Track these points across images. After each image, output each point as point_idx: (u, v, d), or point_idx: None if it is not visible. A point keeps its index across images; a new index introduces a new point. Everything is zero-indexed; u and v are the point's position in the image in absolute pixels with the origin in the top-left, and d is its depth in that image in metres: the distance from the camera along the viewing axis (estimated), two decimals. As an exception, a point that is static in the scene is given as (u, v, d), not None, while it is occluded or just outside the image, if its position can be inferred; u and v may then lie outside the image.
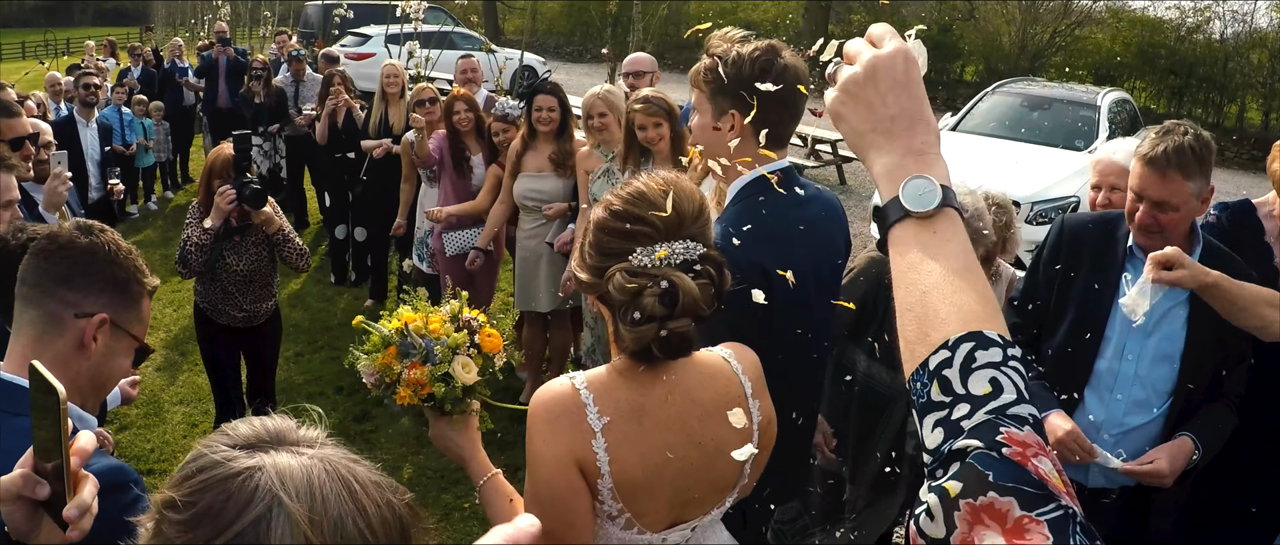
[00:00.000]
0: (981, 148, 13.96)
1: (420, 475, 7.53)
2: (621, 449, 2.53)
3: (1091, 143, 13.92)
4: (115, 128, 15.36)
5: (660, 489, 2.61)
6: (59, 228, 2.62)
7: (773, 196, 3.48)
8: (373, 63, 23.18)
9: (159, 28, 43.60)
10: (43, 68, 28.48)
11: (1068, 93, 16.09)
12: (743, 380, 2.76)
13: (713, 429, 2.63)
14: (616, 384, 2.60)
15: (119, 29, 71.39)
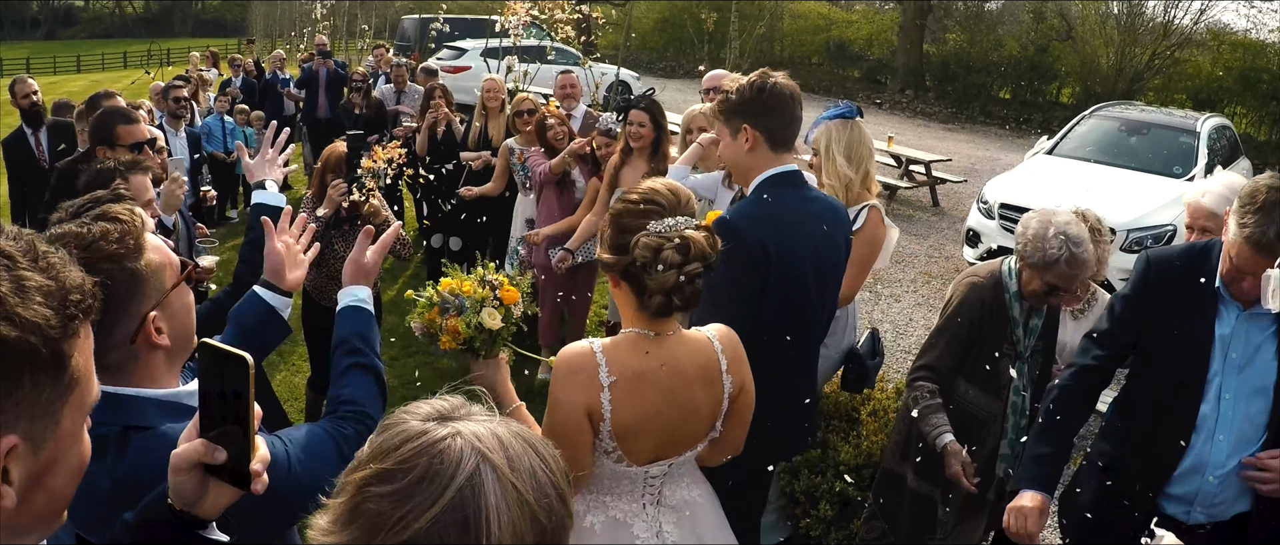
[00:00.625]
0: (1077, 172, 13.82)
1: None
2: (622, 403, 3.30)
3: (1190, 170, 13.69)
4: (217, 135, 15.69)
5: (647, 435, 3.39)
6: None
7: (780, 192, 4.29)
8: (468, 76, 23.43)
9: (257, 39, 44.24)
10: (148, 77, 29.03)
11: (1166, 118, 15.80)
12: (720, 356, 3.50)
13: (692, 393, 3.42)
14: (625, 352, 3.35)
15: (217, 40, 72.58)
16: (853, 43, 42.60)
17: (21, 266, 1.39)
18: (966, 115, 34.07)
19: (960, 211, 17.09)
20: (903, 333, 11.35)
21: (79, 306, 1.47)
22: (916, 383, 5.05)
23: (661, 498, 3.59)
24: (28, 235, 1.47)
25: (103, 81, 48.30)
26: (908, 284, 13.23)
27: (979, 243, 12.98)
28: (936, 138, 27.09)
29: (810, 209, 4.37)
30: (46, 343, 1.38)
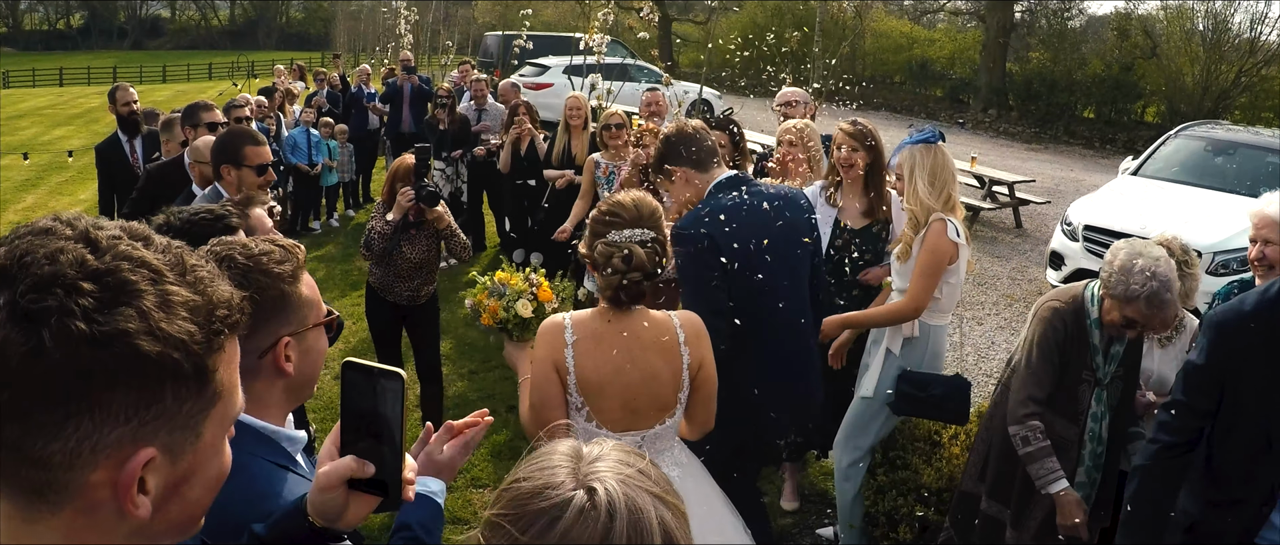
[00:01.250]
0: (1163, 193, 13.62)
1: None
2: (582, 358, 3.97)
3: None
4: (302, 147, 15.86)
5: (611, 394, 4.00)
6: None
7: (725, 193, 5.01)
8: (551, 93, 23.54)
9: (341, 54, 44.76)
10: (235, 89, 29.41)
11: (1254, 137, 15.45)
12: (678, 330, 4.12)
13: (649, 359, 4.03)
14: (589, 319, 4.07)
15: (301, 53, 73.48)
16: (935, 62, 42.39)
17: (168, 281, 1.39)
18: (1050, 135, 33.70)
19: (1043, 233, 16.91)
20: (984, 356, 11.26)
21: (225, 321, 1.47)
22: (1028, 421, 4.96)
23: None
24: (177, 248, 1.47)
25: (188, 92, 49.06)
26: (990, 307, 13.11)
27: (1063, 265, 12.78)
28: (1019, 158, 26.84)
29: (756, 200, 4.99)
30: (189, 358, 1.39)
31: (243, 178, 5.89)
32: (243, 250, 2.56)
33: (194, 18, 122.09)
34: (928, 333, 5.96)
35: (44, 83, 69.41)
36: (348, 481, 1.96)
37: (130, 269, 1.35)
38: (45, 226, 1.38)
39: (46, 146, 29.30)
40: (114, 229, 1.41)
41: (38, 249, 1.33)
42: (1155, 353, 5.58)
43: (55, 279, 1.29)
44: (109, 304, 1.31)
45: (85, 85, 65.75)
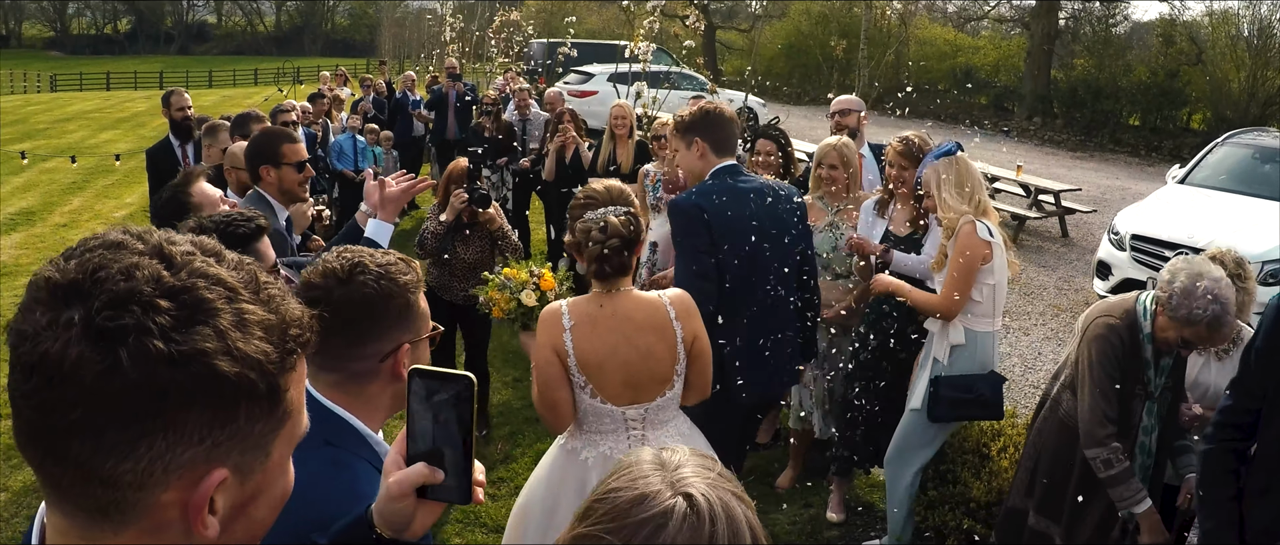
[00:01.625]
0: (1210, 202, 13.47)
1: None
2: (580, 340, 4.30)
3: (1328, 199, 13.29)
4: (348, 153, 15.94)
5: (611, 371, 4.32)
6: (309, 278, 2.66)
7: (722, 179, 5.48)
8: (595, 100, 23.57)
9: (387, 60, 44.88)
10: (281, 95, 29.58)
11: (1303, 144, 15.31)
12: (668, 308, 4.43)
13: (644, 337, 4.36)
14: (583, 304, 4.38)
15: (346, 59, 73.78)
16: (980, 69, 42.20)
17: (243, 299, 1.37)
18: (1095, 142, 33.42)
19: (1090, 242, 16.74)
20: (1031, 367, 11.13)
21: (298, 341, 1.46)
22: (1110, 443, 4.94)
23: (646, 438, 4.44)
24: (250, 266, 1.45)
25: (234, 97, 49.45)
26: (1036, 317, 12.99)
27: (1110, 275, 12.67)
28: (1064, 166, 26.66)
29: (746, 186, 5.51)
30: (264, 377, 1.37)
31: (283, 176, 5.91)
32: (372, 258, 2.66)
33: (240, 23, 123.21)
34: (974, 339, 5.94)
35: (91, 86, 70.14)
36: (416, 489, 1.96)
37: (206, 286, 1.33)
38: (116, 240, 1.36)
39: (93, 149, 29.56)
40: (186, 244, 1.40)
41: (112, 263, 1.31)
42: (1212, 366, 5.56)
43: (132, 296, 1.28)
44: (186, 322, 1.29)
45: (132, 89, 66.38)
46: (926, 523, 6.33)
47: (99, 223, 18.34)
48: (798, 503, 7.56)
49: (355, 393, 2.65)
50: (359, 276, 2.60)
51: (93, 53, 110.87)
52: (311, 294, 2.59)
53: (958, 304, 5.74)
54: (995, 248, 5.70)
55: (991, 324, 5.98)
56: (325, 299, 2.55)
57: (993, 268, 5.73)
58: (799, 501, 7.58)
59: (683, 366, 4.46)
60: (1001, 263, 5.77)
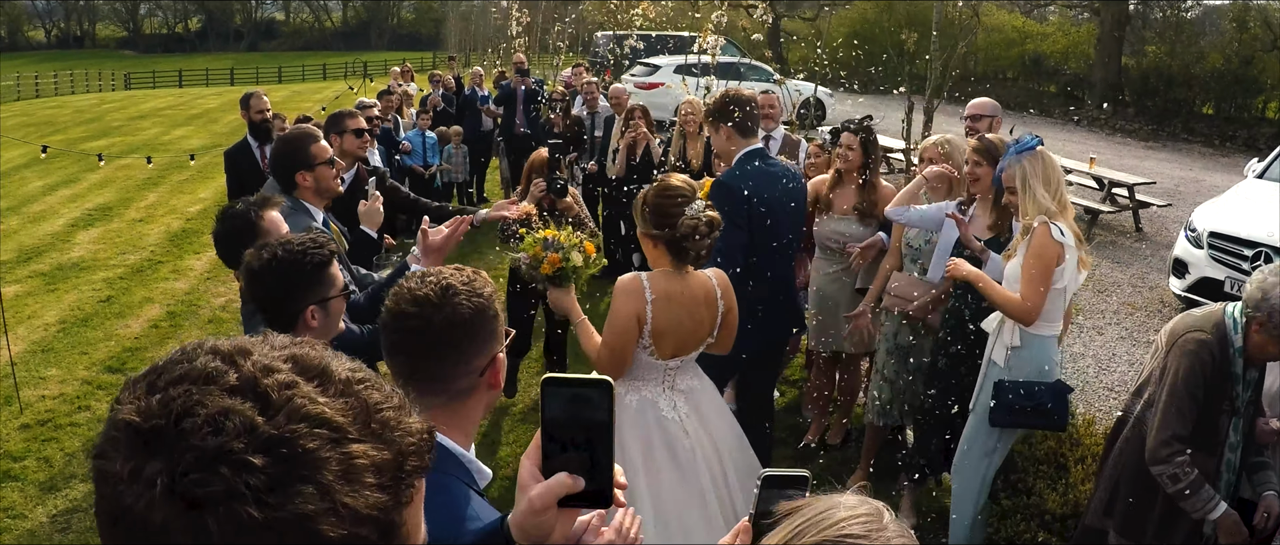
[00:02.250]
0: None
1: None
2: (658, 313, 4.98)
3: None
4: (417, 150, 16.03)
5: (670, 337, 5.06)
6: (400, 308, 2.68)
7: (752, 161, 6.40)
8: (661, 93, 23.54)
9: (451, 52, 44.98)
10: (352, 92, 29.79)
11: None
12: (716, 287, 5.21)
13: (699, 310, 5.13)
14: (662, 280, 5.03)
15: (414, 53, 74.24)
16: (1049, 57, 41.72)
17: (351, 438, 1.21)
18: (1167, 132, 32.80)
19: (1164, 237, 16.42)
20: (1105, 368, 10.85)
21: (416, 470, 1.30)
22: (1175, 459, 4.85)
23: (675, 384, 5.30)
24: (361, 386, 1.28)
25: (303, 92, 49.87)
26: (1110, 315, 12.69)
27: (1186, 273, 12.24)
28: (1136, 157, 26.25)
29: (772, 169, 6.47)
30: (377, 527, 1.22)
31: (318, 177, 5.91)
32: (454, 278, 2.70)
33: (308, 20, 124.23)
34: (1031, 343, 5.82)
35: (164, 84, 71.07)
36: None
37: (308, 433, 1.18)
38: (203, 369, 1.22)
39: (167, 146, 29.97)
40: (286, 370, 1.24)
41: (197, 408, 1.16)
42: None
43: (221, 455, 1.13)
44: (284, 481, 1.15)
45: (203, 87, 67.19)
46: (999, 533, 6.23)
47: (174, 217, 18.70)
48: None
49: (455, 411, 2.69)
50: (453, 298, 2.64)
51: (165, 51, 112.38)
52: (411, 324, 2.63)
53: (1035, 307, 5.61)
54: (1067, 251, 5.58)
55: (1052, 328, 5.86)
56: (425, 326, 2.61)
57: (1063, 271, 5.62)
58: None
59: (717, 331, 5.32)
60: (1072, 267, 5.65)
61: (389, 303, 2.71)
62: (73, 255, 15.93)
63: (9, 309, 12.12)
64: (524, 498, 1.94)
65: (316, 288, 3.85)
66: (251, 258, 3.77)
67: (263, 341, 1.31)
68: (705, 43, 13.01)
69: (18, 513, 7.63)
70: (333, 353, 1.34)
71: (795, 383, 9.79)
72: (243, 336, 1.32)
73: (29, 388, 9.97)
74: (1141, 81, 36.40)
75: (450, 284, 2.67)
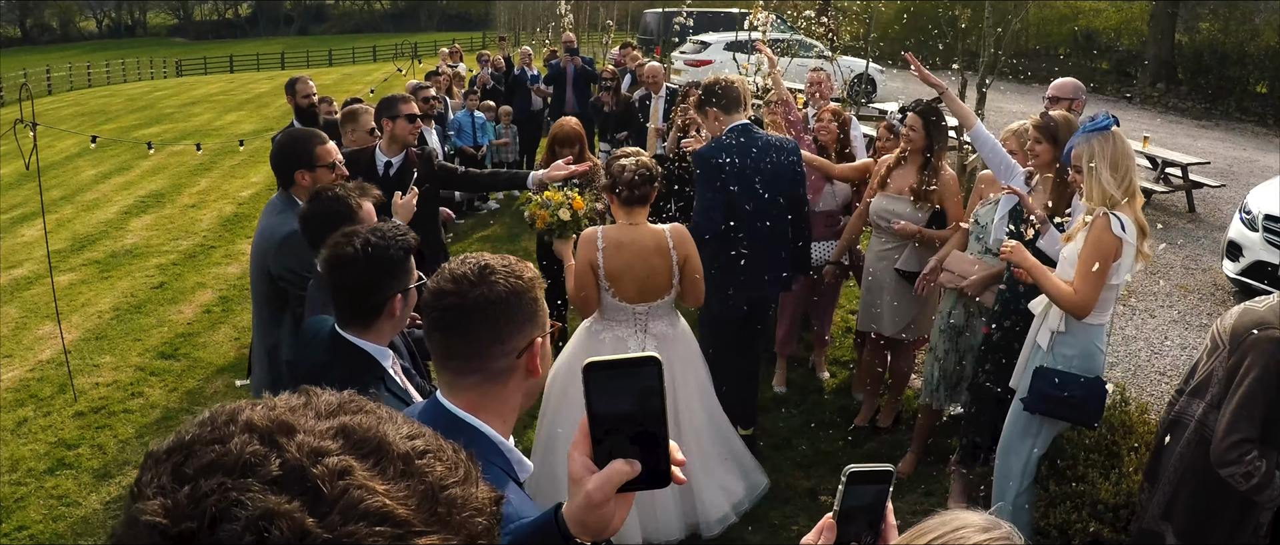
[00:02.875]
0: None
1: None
2: (609, 259, 6.07)
3: None
4: (467, 130, 16.09)
5: (628, 280, 6.12)
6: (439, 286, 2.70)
7: (736, 135, 7.11)
8: (712, 70, 23.46)
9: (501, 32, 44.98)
10: (401, 74, 29.85)
11: None
12: (667, 238, 6.16)
13: (650, 258, 6.13)
14: (614, 232, 6.12)
15: (463, 34, 74.43)
16: (1101, 33, 41.29)
17: (416, 532, 1.07)
18: (1220, 111, 32.22)
19: (1217, 218, 16.13)
20: (1158, 351, 10.67)
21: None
22: (1244, 459, 4.64)
23: (647, 328, 6.39)
24: (424, 462, 1.15)
25: (354, 74, 50.09)
26: (1162, 298, 12.44)
27: (1240, 256, 12.01)
28: (1189, 136, 25.87)
29: (755, 142, 7.13)
30: None
31: (318, 178, 5.88)
32: (493, 259, 2.72)
33: (358, 3, 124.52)
34: (1076, 329, 5.75)
35: (215, 70, 71.54)
36: None
37: (368, 533, 1.03)
38: (240, 456, 1.05)
39: (218, 131, 30.19)
40: (337, 451, 1.08)
41: (236, 510, 0.99)
42: None
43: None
44: None
45: (254, 71, 67.53)
46: (1047, 520, 6.14)
47: (226, 203, 18.89)
48: (918, 490, 7.52)
49: (491, 393, 2.69)
50: (489, 277, 2.67)
51: (216, 37, 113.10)
52: (447, 300, 2.65)
53: (1089, 300, 5.52)
54: (1125, 247, 5.44)
55: (1099, 318, 5.76)
56: (461, 302, 2.63)
57: (1120, 266, 5.51)
58: (919, 489, 7.54)
59: (677, 280, 6.31)
60: (1128, 262, 5.51)
61: (430, 283, 2.74)
62: (126, 242, 16.13)
63: (63, 298, 12.27)
64: (579, 490, 1.85)
65: (401, 277, 3.88)
66: (340, 245, 3.80)
67: (306, 407, 1.15)
68: (756, 19, 12.93)
69: (72, 500, 7.75)
70: (387, 414, 1.21)
71: (846, 364, 9.76)
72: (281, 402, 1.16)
73: (83, 375, 10.11)
74: (1195, 59, 35.83)
75: (489, 264, 2.70)
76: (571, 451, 1.87)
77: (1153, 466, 5.40)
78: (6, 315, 12.31)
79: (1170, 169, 17.39)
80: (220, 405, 1.14)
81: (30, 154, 10.23)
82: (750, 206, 7.05)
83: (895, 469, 1.84)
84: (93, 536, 7.24)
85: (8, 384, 9.99)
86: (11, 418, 9.12)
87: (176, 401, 9.43)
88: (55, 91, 57.34)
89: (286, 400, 1.16)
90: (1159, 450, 5.31)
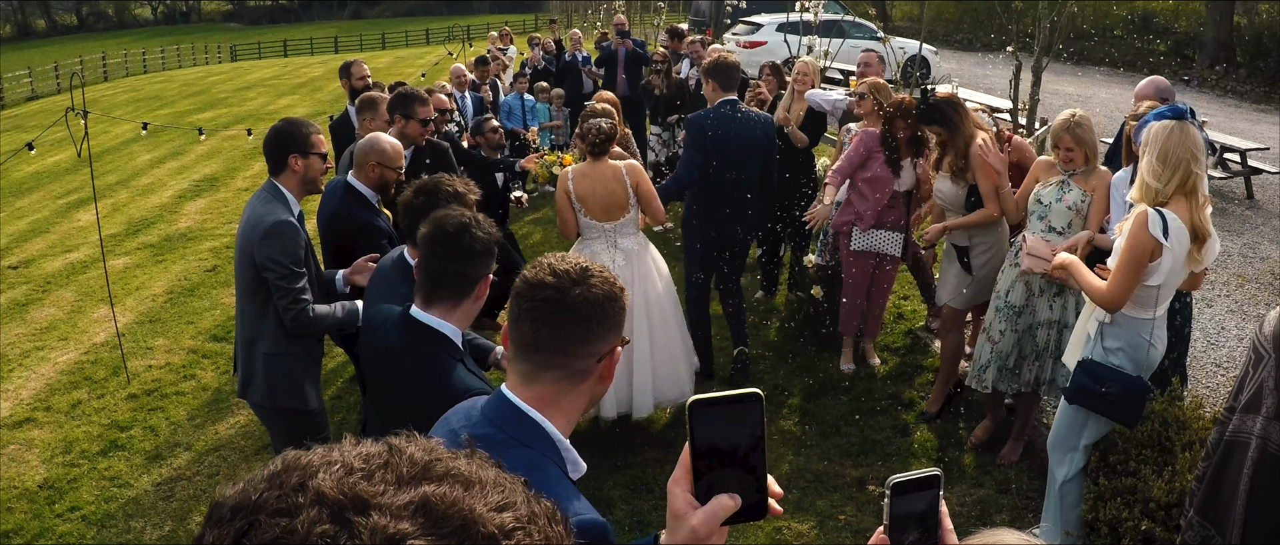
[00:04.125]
0: None
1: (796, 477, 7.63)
2: (578, 185, 7.76)
3: None
4: (517, 112, 16.10)
5: (593, 202, 7.76)
6: (539, 278, 2.72)
7: (721, 108, 8.59)
8: (764, 51, 23.39)
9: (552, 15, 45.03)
10: (451, 58, 29.92)
11: None
12: (623, 170, 7.75)
13: (609, 183, 7.74)
14: (581, 167, 7.86)
15: (515, 16, 74.60)
16: (1158, 14, 40.85)
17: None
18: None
19: (1277, 206, 15.83)
20: (1214, 343, 10.39)
21: None
22: None
23: (617, 243, 7.97)
24: (511, 539, 1.05)
25: (407, 57, 50.32)
26: (1219, 287, 12.12)
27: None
28: (1248, 120, 25.24)
29: (736, 116, 8.64)
30: None
31: (309, 166, 5.94)
32: (591, 264, 2.77)
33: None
34: (1123, 321, 5.68)
35: (269, 55, 72.13)
36: None
37: None
38: (310, 536, 0.97)
39: (272, 116, 30.26)
40: (414, 532, 0.99)
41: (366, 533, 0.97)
42: None
43: None
44: None
45: (308, 56, 67.98)
46: (1097, 515, 5.99)
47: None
48: (968, 481, 7.45)
49: (567, 392, 2.71)
50: (589, 278, 2.70)
51: (269, 22, 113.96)
52: (546, 293, 2.67)
53: (1118, 298, 5.45)
54: (1166, 251, 5.29)
55: (1146, 313, 5.65)
56: (561, 297, 2.66)
57: (1159, 267, 5.37)
58: (970, 480, 7.46)
59: (633, 200, 7.91)
60: (1170, 266, 5.37)
61: (528, 272, 2.75)
62: (179, 226, 16.33)
63: (117, 281, 12.40)
64: (682, 525, 1.84)
65: (489, 261, 4.04)
66: (443, 221, 3.97)
67: (386, 469, 1.06)
68: (808, 1, 12.86)
69: (123, 481, 7.84)
70: (478, 475, 1.10)
71: (896, 350, 9.69)
72: (359, 460, 1.06)
73: (136, 358, 10.24)
74: (1254, 41, 35.26)
75: (587, 267, 2.73)
76: (671, 487, 1.90)
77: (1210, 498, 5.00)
78: (62, 299, 12.47)
79: (1228, 154, 17.06)
80: (294, 456, 1.07)
81: (81, 141, 10.29)
82: (724, 167, 8.61)
83: (761, 394, 1.77)
84: (143, 518, 7.33)
85: (62, 366, 10.12)
86: (65, 400, 9.24)
87: (228, 384, 9.48)
88: (111, 78, 58.03)
89: (366, 457, 1.07)
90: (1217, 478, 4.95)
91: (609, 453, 7.96)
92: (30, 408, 9.18)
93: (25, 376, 9.96)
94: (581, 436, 8.03)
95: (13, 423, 8.87)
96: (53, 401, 9.28)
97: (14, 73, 54.54)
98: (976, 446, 7.86)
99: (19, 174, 22.94)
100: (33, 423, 8.86)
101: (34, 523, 7.29)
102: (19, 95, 51.57)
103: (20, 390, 9.62)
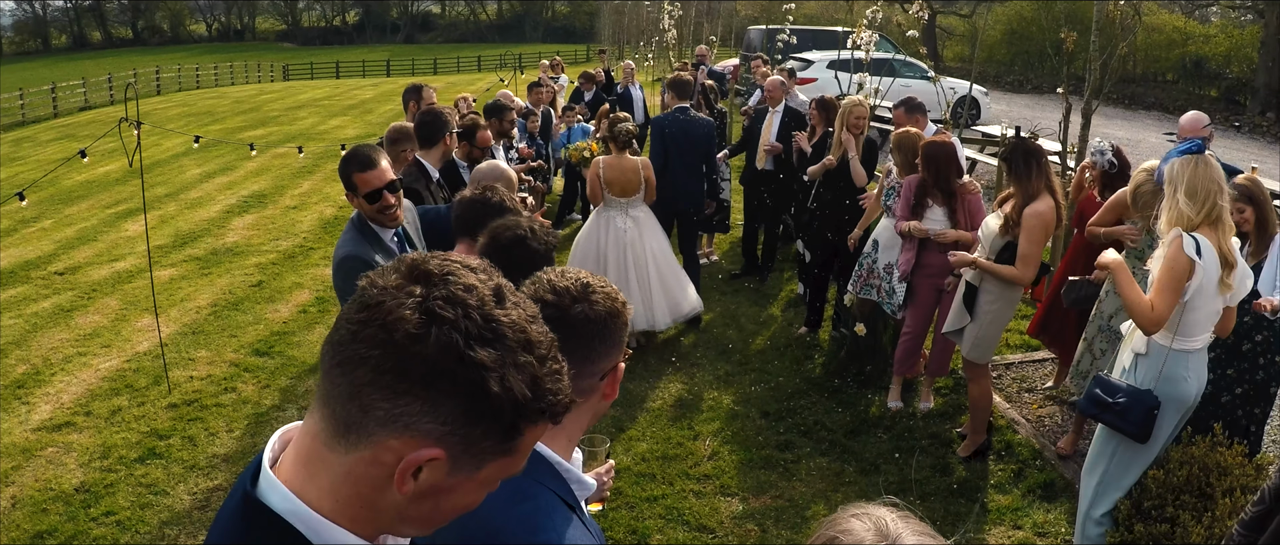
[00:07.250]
0: None
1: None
2: (606, 173, 10.39)
3: None
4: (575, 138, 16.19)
5: (615, 183, 10.40)
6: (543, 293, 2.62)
7: (674, 114, 11.40)
8: (814, 88, 23.40)
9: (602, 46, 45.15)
10: (502, 84, 30.09)
11: None
12: (639, 165, 10.43)
13: (628, 172, 10.37)
14: (608, 158, 10.47)
15: (567, 46, 74.91)
16: (1210, 59, 40.61)
17: (533, 352, 1.64)
18: (1334, 142, 31.47)
19: None
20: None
21: (551, 407, 1.67)
22: None
23: (628, 211, 10.45)
24: (553, 339, 1.74)
25: (458, 83, 50.56)
26: None
27: None
28: (1301, 166, 25.17)
29: (685, 120, 11.23)
30: (513, 412, 1.60)
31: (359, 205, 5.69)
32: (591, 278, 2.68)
33: (463, 13, 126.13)
34: (1157, 352, 5.68)
35: (321, 75, 72.90)
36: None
37: (511, 331, 1.61)
38: (463, 276, 1.62)
39: (322, 136, 30.57)
40: (513, 300, 1.68)
41: (461, 274, 1.62)
42: None
43: (462, 302, 1.57)
44: (485, 341, 1.56)
45: (360, 78, 68.59)
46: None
47: (327, 205, 19.10)
48: (1006, 523, 7.33)
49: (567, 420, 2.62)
50: (591, 294, 2.60)
51: (323, 43, 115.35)
52: (547, 312, 2.50)
53: (1160, 315, 5.45)
54: (1200, 269, 5.39)
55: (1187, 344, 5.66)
56: (561, 315, 2.53)
57: (1201, 288, 5.45)
58: (1009, 522, 7.34)
59: (643, 185, 10.31)
60: (1206, 287, 5.44)
61: (527, 289, 2.63)
62: (227, 240, 16.37)
63: (163, 292, 12.48)
64: None
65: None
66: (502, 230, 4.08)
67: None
68: (859, 38, 12.84)
69: (160, 489, 7.83)
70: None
71: (941, 391, 9.52)
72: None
73: (178, 368, 10.25)
74: (1307, 88, 35.09)
75: (589, 282, 2.63)
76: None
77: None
78: (106, 306, 12.53)
79: (1278, 201, 16.90)
80: None
81: (134, 152, 10.36)
82: (677, 160, 11.23)
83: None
84: (178, 525, 7.32)
85: (104, 373, 10.17)
86: (106, 406, 9.28)
87: (269, 398, 9.54)
88: (164, 92, 58.67)
89: None
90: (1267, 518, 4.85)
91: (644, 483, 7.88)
92: (71, 412, 9.21)
93: (67, 381, 10.01)
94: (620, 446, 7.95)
95: (52, 426, 8.91)
96: (93, 407, 9.32)
97: (68, 83, 55.21)
98: (1063, 457, 7.99)
99: (69, 182, 23.19)
100: (72, 427, 8.89)
101: (68, 525, 7.32)
102: (72, 105, 52.21)
103: (61, 394, 9.66)
